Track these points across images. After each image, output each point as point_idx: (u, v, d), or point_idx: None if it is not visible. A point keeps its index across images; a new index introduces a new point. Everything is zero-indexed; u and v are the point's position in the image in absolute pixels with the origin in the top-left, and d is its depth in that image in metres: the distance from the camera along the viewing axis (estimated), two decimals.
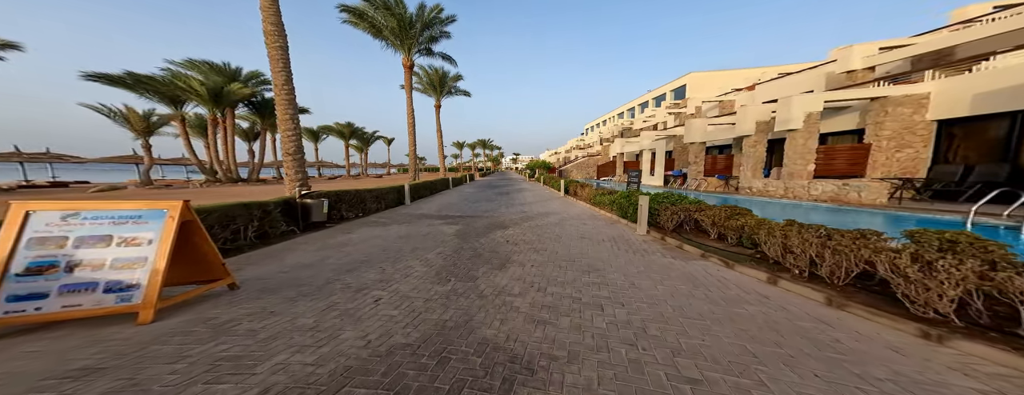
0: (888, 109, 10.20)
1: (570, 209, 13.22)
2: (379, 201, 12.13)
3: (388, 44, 22.41)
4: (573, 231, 8.69)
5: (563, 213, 12.08)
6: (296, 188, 8.97)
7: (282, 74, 9.46)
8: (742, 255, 5.43)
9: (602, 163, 40.02)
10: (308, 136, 51.67)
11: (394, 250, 6.68)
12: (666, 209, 7.57)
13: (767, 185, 12.28)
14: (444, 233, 8.49)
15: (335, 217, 9.48)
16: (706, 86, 40.83)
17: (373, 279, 4.95)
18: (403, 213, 12.06)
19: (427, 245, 7.16)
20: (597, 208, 12.52)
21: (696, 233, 7.20)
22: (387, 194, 12.95)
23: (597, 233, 8.38)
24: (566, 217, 11.08)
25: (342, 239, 7.45)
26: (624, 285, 4.67)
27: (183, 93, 24.70)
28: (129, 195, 17.16)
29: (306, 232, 7.79)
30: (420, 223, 9.96)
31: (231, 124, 28.90)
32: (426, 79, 31.21)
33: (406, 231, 8.66)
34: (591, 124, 76.27)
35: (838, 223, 4.95)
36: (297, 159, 9.48)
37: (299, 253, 6.37)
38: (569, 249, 6.82)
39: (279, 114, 9.40)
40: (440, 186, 23.28)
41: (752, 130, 12.99)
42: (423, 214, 11.90)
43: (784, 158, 11.65)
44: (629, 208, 9.20)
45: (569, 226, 9.42)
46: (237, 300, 4.12)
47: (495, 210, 13.02)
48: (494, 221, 10.32)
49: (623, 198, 10.08)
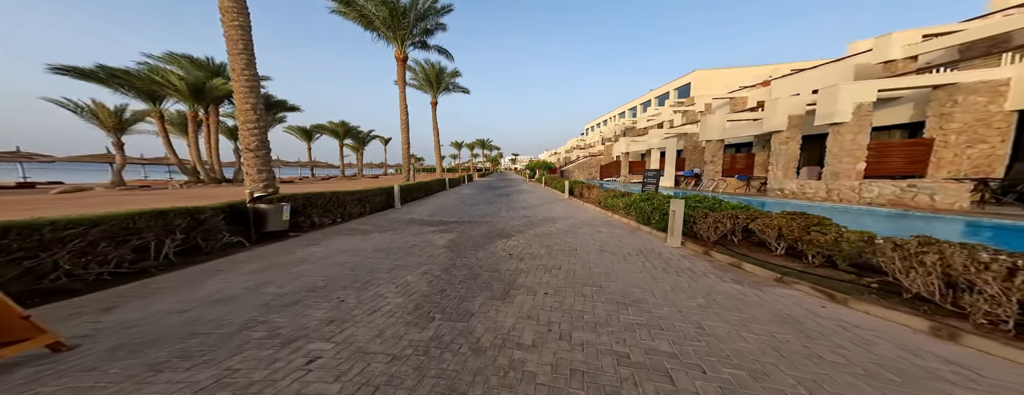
0: (958, 98, 8.79)
1: (578, 213, 11.77)
2: (363, 205, 10.64)
3: (380, 36, 20.97)
4: (589, 241, 7.23)
5: (572, 218, 10.63)
6: (258, 190, 7.48)
7: (242, 57, 7.98)
8: (845, 282, 3.95)
9: (605, 163, 38.62)
10: (301, 135, 50.07)
11: (366, 269, 5.20)
12: (705, 216, 6.12)
13: (803, 187, 10.84)
14: (434, 244, 7.02)
15: (305, 224, 7.98)
16: (711, 84, 39.49)
17: (320, 319, 3.47)
18: (390, 219, 10.58)
19: (411, 261, 5.69)
20: (609, 212, 11.08)
21: (747, 246, 5.76)
22: (373, 197, 11.47)
23: (618, 244, 6.93)
24: (576, 223, 9.62)
25: (302, 254, 5.97)
26: (687, 330, 3.21)
27: (161, 88, 23.14)
28: (93, 197, 15.63)
29: (260, 244, 6.31)
30: (407, 231, 8.49)
31: (215, 122, 27.34)
32: (422, 75, 29.76)
33: (388, 242, 7.18)
34: (591, 124, 75.00)
35: (911, 232, 3.54)
36: (260, 156, 8.00)
37: (230, 276, 4.86)
38: (589, 267, 5.37)
39: (238, 104, 7.93)
40: (436, 187, 21.81)
41: (783, 125, 11.57)
42: (413, 219, 10.42)
43: (827, 156, 10.23)
44: (654, 213, 7.76)
45: (583, 235, 7.97)
46: (41, 376, 2.51)
47: (495, 214, 11.56)
48: (494, 228, 8.86)
49: (643, 202, 8.64)
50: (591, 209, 12.78)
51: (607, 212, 11.22)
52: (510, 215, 11.34)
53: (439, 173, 31.22)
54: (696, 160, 21.15)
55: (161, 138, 25.40)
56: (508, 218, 10.67)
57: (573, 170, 43.03)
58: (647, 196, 8.78)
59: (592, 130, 73.05)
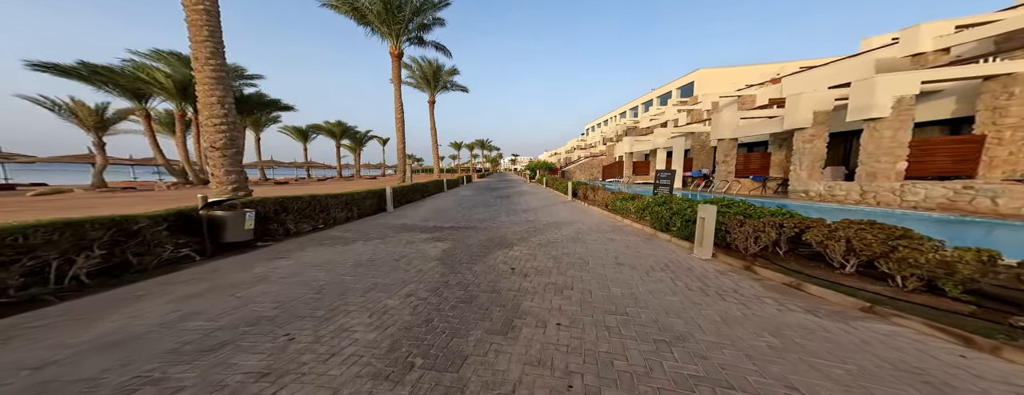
0: (1015, 90, 7.88)
1: (584, 217, 10.85)
2: (349, 209, 9.69)
3: (374, 30, 20.07)
4: (601, 251, 6.31)
5: (578, 223, 9.71)
6: (225, 194, 6.54)
7: (207, 45, 7.09)
8: (971, 318, 3.02)
9: (607, 164, 37.72)
10: (296, 136, 49.12)
11: (336, 291, 4.27)
12: (740, 223, 5.20)
13: (832, 188, 9.88)
14: (425, 256, 6.09)
15: (278, 233, 7.01)
16: (715, 83, 38.72)
17: (249, 372, 2.52)
18: (379, 224, 9.64)
19: (394, 279, 4.76)
20: (618, 216, 10.16)
21: (797, 260, 4.83)
22: (362, 200, 10.52)
23: (636, 255, 6.00)
24: (583, 229, 8.70)
25: (262, 270, 5.04)
26: (774, 393, 2.27)
27: (146, 86, 22.18)
28: (62, 200, 14.67)
29: (216, 257, 5.38)
30: (397, 239, 7.55)
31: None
32: (419, 72, 28.85)
33: (372, 253, 6.24)
34: (592, 124, 74.24)
35: (973, 241, 2.64)
36: (229, 156, 7.08)
37: (148, 304, 3.80)
38: (608, 285, 4.45)
39: (201, 97, 7.04)
40: (433, 189, 20.88)
41: (808, 122, 10.62)
42: (405, 225, 9.48)
43: (861, 154, 9.27)
44: (674, 219, 6.84)
45: (593, 243, 7.05)
46: None
47: (494, 219, 10.64)
48: (493, 235, 7.94)
49: (659, 205, 7.72)
50: (597, 212, 11.87)
51: (615, 216, 10.30)
52: (511, 220, 10.42)
53: (437, 174, 30.30)
54: (704, 160, 20.25)
55: (148, 138, 24.47)
56: (509, 223, 9.75)
57: (574, 171, 42.13)
58: (663, 199, 7.86)
59: (592, 130, 72.18)
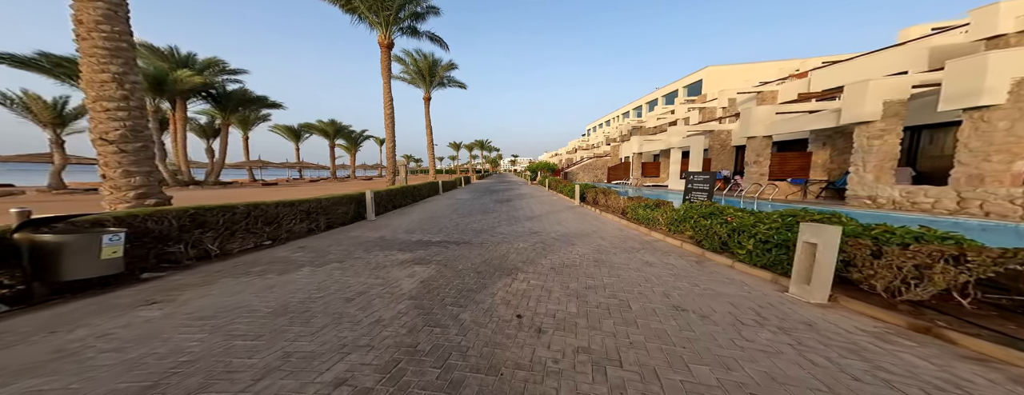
0: None
1: (599, 227, 9.06)
2: (313, 219, 7.85)
3: (361, 18, 18.29)
4: (641, 282, 4.52)
5: (594, 235, 7.91)
6: (123, 201, 4.71)
7: (98, 5, 5.24)
8: None
9: (612, 165, 35.97)
10: (288, 135, 47.30)
11: (198, 380, 2.45)
12: (874, 252, 3.39)
13: (912, 194, 8.06)
14: (395, 292, 4.29)
15: (186, 257, 5.07)
16: (725, 80, 37.02)
17: None
18: (350, 238, 7.83)
19: (325, 344, 2.93)
20: (642, 227, 8.37)
21: (1002, 316, 3.01)
22: (333, 207, 8.68)
23: (698, 292, 4.19)
24: (605, 246, 6.89)
25: (82, 334, 3.09)
26: None
27: None
28: (23, 202, 12.82)
29: (53, 301, 3.56)
30: (363, 262, 5.73)
31: (182, 118, 24.59)
32: (414, 67, 27.08)
33: (316, 288, 4.41)
34: (593, 124, 72.68)
35: None
36: (130, 152, 5.28)
37: None
38: (682, 359, 2.64)
39: (86, 73, 5.30)
40: (426, 192, 19.08)
41: (876, 114, 8.76)
42: (383, 239, 7.67)
43: (960, 152, 7.45)
44: (741, 240, 5.03)
45: (623, 267, 5.26)
46: None
47: (493, 229, 8.84)
48: (492, 255, 6.13)
49: (705, 217, 5.94)
50: (613, 221, 10.08)
51: (638, 227, 8.50)
52: (512, 230, 8.62)
53: (432, 175, 28.51)
54: (724, 161, 18.49)
55: None
56: (510, 235, 7.95)
57: (577, 172, 40.37)
58: (710, 209, 6.08)
59: (594, 131, 70.53)
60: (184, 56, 24.41)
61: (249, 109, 30.42)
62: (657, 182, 25.50)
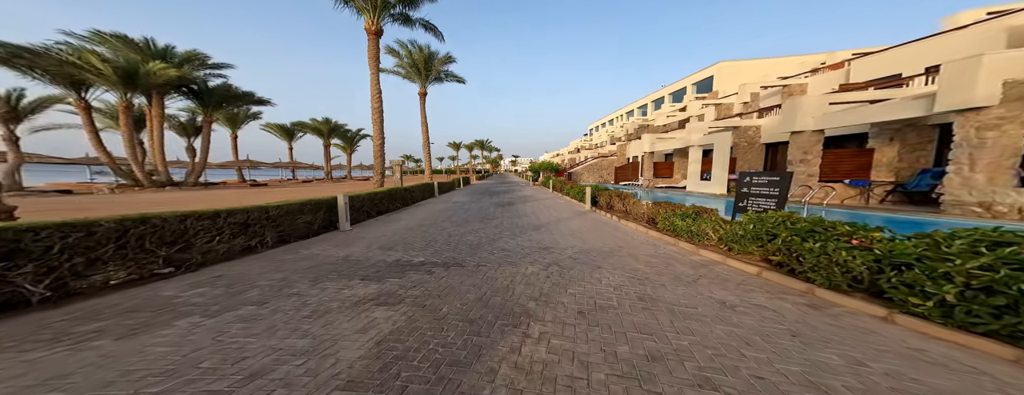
0: None
1: (625, 241, 7.22)
2: (252, 233, 6.01)
3: (347, 2, 16.49)
4: (736, 344, 2.66)
5: (623, 254, 6.06)
6: None
7: None
8: None
9: (620, 165, 34.16)
10: (281, 134, 45.56)
11: None
12: None
13: None
14: (321, 370, 2.44)
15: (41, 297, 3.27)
16: (738, 76, 35.17)
17: None
18: (303, 256, 6.00)
19: None
20: (680, 241, 6.53)
21: None
22: (287, 217, 6.85)
23: (862, 381, 2.35)
24: (643, 270, 5.06)
25: None
26: None
27: (79, 71, 18.63)
28: None
29: None
30: (298, 301, 3.90)
31: (158, 114, 22.80)
32: (408, 59, 25.26)
33: (173, 364, 2.55)
34: (596, 124, 70.99)
35: None
36: None
37: None
38: None
39: None
40: (419, 195, 17.27)
41: (993, 97, 6.76)
42: (347, 261, 5.85)
43: None
44: (884, 273, 3.20)
45: (692, 315, 3.41)
46: None
47: (493, 243, 7.01)
48: (491, 288, 4.30)
49: (799, 234, 4.13)
50: (638, 232, 8.25)
51: (675, 240, 6.67)
52: (517, 245, 6.78)
53: (428, 176, 26.70)
54: (751, 160, 16.64)
55: (86, 132, 20.88)
56: (515, 253, 6.11)
57: (582, 173, 38.54)
58: (805, 224, 4.26)
59: (596, 130, 68.70)
60: (161, 48, 22.63)
61: (235, 106, 28.64)
62: (671, 183, 23.65)
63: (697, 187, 17.43)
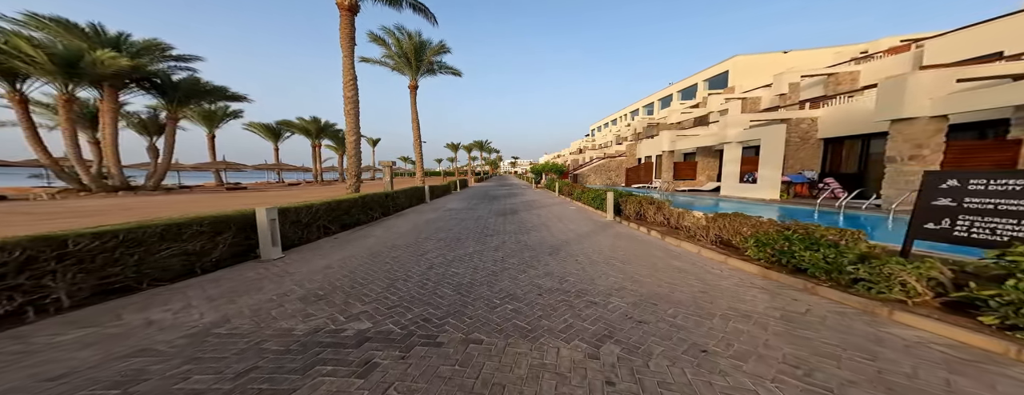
0: None
1: (709, 281, 4.43)
2: (61, 276, 3.26)
3: None
4: None
5: (734, 316, 3.27)
6: None
7: None
8: None
9: (630, 166, 31.45)
10: (266, 134, 42.74)
11: None
12: None
13: None
14: None
15: None
16: (755, 71, 32.53)
17: None
18: (99, 334, 3.24)
19: None
20: (817, 285, 3.80)
21: None
22: (135, 247, 4.09)
23: None
24: (821, 371, 2.27)
25: None
26: None
27: (6, 58, 15.88)
28: None
29: None
30: None
31: (111, 109, 19.99)
32: (396, 48, 22.52)
33: None
34: (598, 124, 68.53)
35: None
36: None
37: None
38: None
39: None
40: (404, 201, 14.48)
41: None
42: (204, 341, 3.07)
43: None
44: None
45: None
46: None
47: (492, 282, 4.18)
48: None
49: None
50: (709, 259, 5.47)
51: (801, 282, 3.94)
52: (533, 287, 3.96)
53: (420, 178, 23.91)
54: (804, 158, 13.90)
55: (23, 129, 18.08)
56: (529, 304, 3.29)
57: (588, 174, 35.81)
58: None
59: (599, 130, 66.06)
60: (112, 36, 19.87)
61: (204, 101, 25.81)
62: (694, 186, 20.89)
63: (735, 191, 14.65)
